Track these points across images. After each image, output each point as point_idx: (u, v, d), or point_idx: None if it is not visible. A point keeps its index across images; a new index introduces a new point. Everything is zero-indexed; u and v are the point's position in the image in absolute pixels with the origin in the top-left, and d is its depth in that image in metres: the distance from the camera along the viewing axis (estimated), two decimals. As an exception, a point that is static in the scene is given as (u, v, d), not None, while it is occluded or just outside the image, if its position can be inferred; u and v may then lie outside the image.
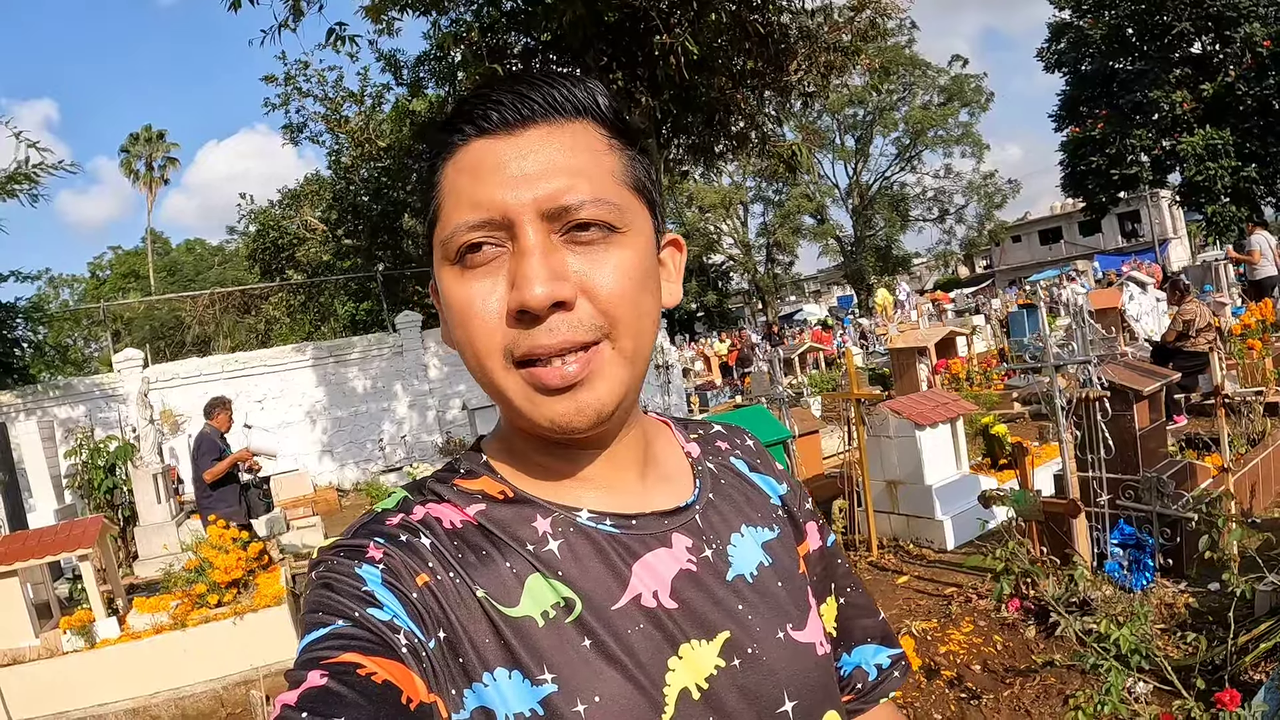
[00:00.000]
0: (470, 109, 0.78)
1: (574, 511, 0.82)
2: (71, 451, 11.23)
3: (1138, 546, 4.93)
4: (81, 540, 6.63)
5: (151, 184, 48.76)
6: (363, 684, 0.63)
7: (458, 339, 0.80)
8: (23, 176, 14.17)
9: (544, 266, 0.73)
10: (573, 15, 7.89)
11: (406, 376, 17.42)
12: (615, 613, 0.77)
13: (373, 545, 0.75)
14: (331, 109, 18.42)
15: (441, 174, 0.80)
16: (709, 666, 0.79)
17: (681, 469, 0.94)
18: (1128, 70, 27.03)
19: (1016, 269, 47.30)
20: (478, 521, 0.81)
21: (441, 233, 0.78)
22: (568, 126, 0.79)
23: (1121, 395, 5.23)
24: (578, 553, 0.80)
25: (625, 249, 0.78)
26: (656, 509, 0.86)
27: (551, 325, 0.74)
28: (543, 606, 0.76)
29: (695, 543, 0.85)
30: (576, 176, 0.76)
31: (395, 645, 0.68)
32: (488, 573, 0.77)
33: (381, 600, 0.71)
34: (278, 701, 0.63)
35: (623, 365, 0.78)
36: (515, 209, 0.74)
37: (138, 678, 6.24)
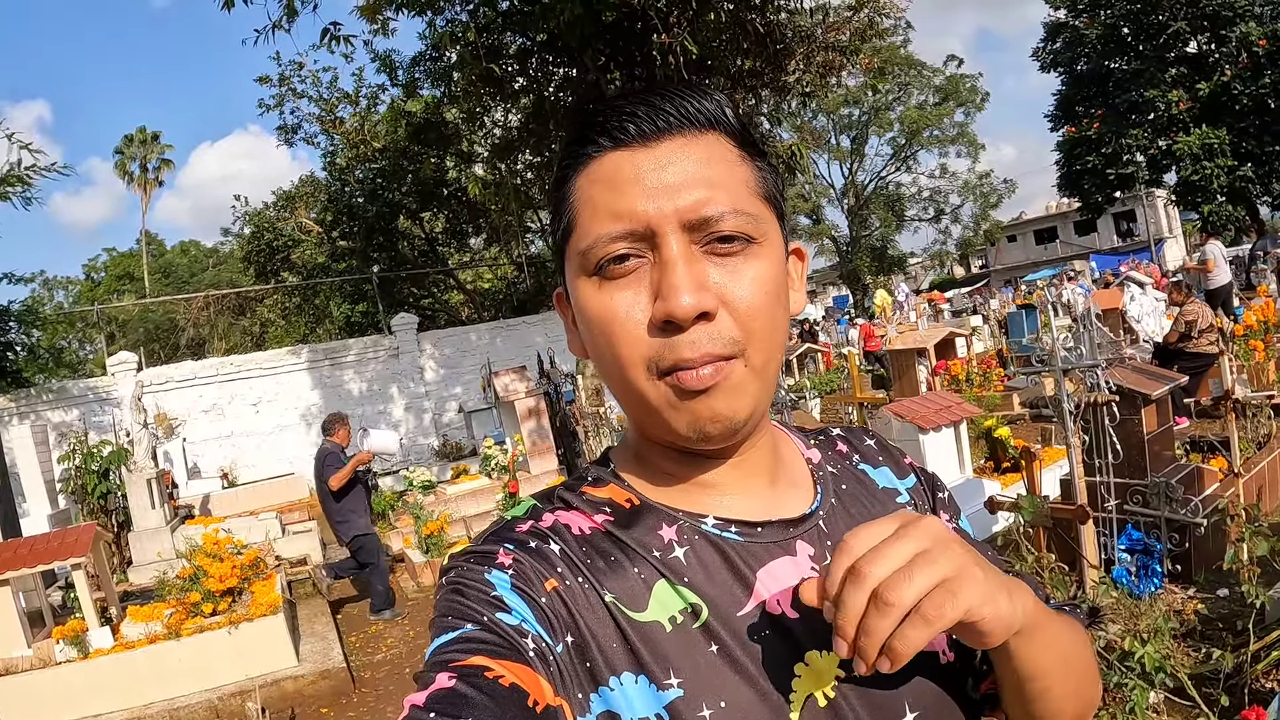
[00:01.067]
0: (603, 121, 0.79)
1: (700, 519, 0.83)
2: (65, 456, 11.14)
3: (1146, 552, 4.87)
4: (74, 549, 6.57)
5: (146, 186, 48.58)
6: (490, 686, 0.64)
7: (599, 349, 0.80)
8: (15, 179, 14.07)
9: (689, 276, 0.74)
10: (571, 15, 7.83)
11: (402, 379, 17.37)
12: (741, 619, 0.78)
13: (502, 551, 0.77)
14: (326, 110, 18.34)
15: (574, 185, 0.81)
16: (831, 676, 0.78)
17: (804, 476, 0.94)
18: (1123, 70, 27.02)
19: (1012, 269, 47.30)
20: (605, 528, 0.82)
21: (579, 244, 0.79)
22: (701, 138, 0.79)
23: (1129, 399, 5.16)
24: (704, 560, 0.81)
25: (762, 260, 0.79)
26: (781, 517, 0.85)
27: (694, 338, 0.74)
28: (670, 612, 0.77)
29: (818, 550, 0.85)
30: (715, 188, 0.77)
31: (523, 649, 0.69)
32: (616, 578, 0.78)
33: (510, 605, 0.72)
34: (407, 702, 0.65)
35: (753, 380, 0.79)
36: (658, 219, 0.75)
37: (131, 688, 6.17)
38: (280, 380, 16.70)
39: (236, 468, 15.75)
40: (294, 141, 19.24)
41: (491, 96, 10.82)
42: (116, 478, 10.62)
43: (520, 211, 14.55)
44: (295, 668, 6.45)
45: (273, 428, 16.53)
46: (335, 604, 8.37)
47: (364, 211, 19.70)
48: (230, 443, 16.16)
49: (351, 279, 21.61)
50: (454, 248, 24.14)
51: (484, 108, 11.47)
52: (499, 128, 12.35)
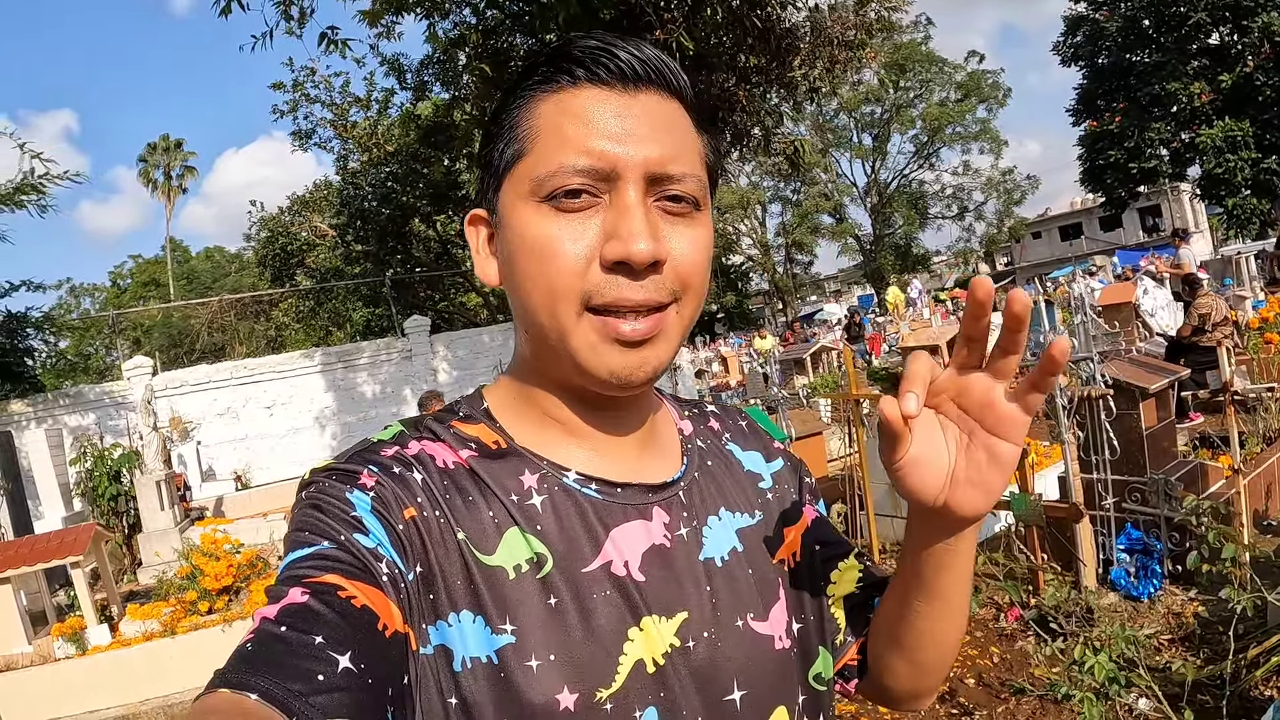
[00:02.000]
0: (584, 54, 0.79)
1: (563, 471, 0.84)
2: (76, 459, 11.24)
3: (1145, 552, 4.74)
4: (73, 548, 6.69)
5: (170, 193, 49.08)
6: (342, 605, 0.64)
7: (527, 275, 0.79)
8: (29, 187, 14.25)
9: (648, 224, 0.76)
10: (568, 14, 7.78)
11: (416, 381, 17.38)
12: (584, 575, 0.78)
13: (366, 473, 0.77)
14: (338, 114, 18.38)
15: (537, 109, 0.80)
16: (665, 644, 0.79)
17: (673, 444, 0.95)
18: (1145, 62, 26.68)
19: (1037, 265, 46.79)
20: (469, 466, 0.82)
21: (535, 169, 0.78)
22: (670, 101, 0.82)
23: (1127, 393, 5.02)
24: (559, 511, 0.81)
25: (703, 226, 0.82)
26: (644, 481, 0.86)
27: (642, 283, 0.76)
28: (516, 559, 0.77)
29: (673, 519, 0.86)
30: (680, 149, 0.80)
31: (377, 573, 0.69)
32: (471, 517, 0.78)
33: (369, 527, 0.72)
34: (257, 615, 0.64)
35: (680, 330, 0.81)
36: (625, 164, 0.76)
37: (128, 684, 6.27)
38: (294, 383, 16.76)
39: (250, 470, 15.83)
40: (308, 146, 19.31)
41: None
42: (128, 480, 10.71)
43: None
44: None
45: (286, 430, 16.59)
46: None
47: (377, 215, 19.76)
48: (244, 445, 16.23)
49: (366, 282, 21.68)
50: (468, 250, 24.16)
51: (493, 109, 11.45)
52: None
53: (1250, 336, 9.13)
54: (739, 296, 51.09)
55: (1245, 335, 9.48)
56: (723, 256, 47.97)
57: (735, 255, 49.30)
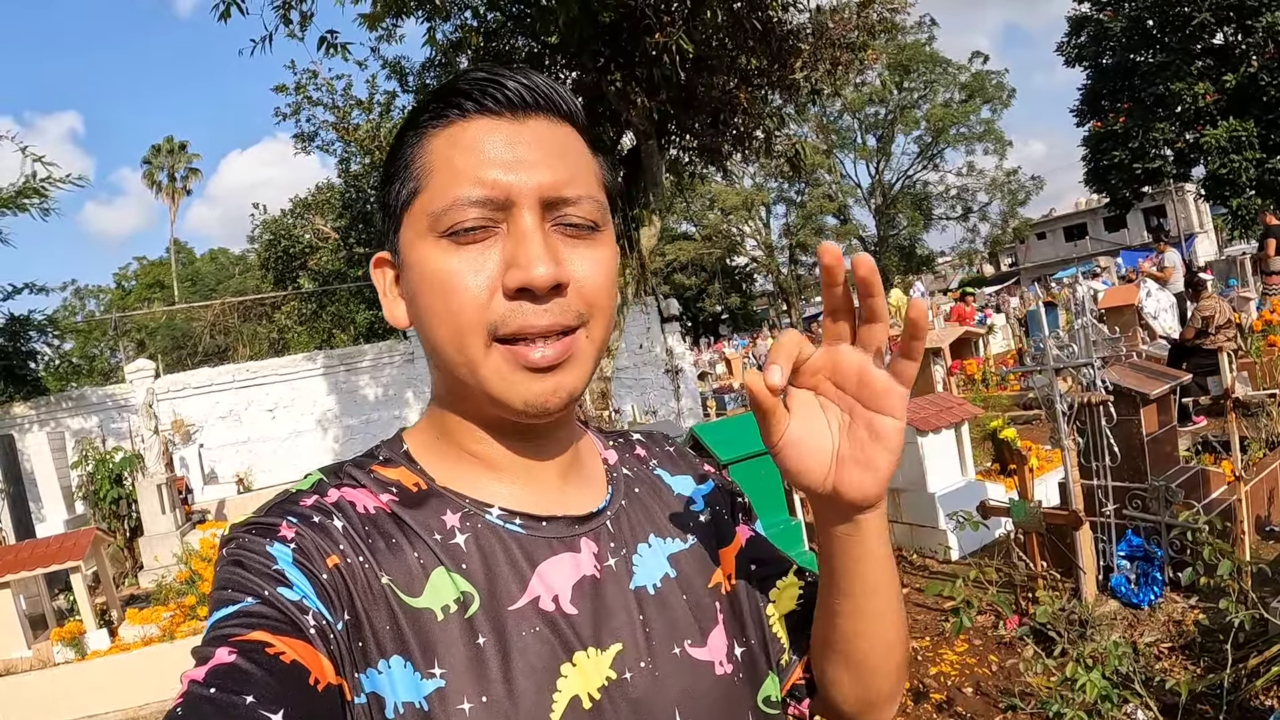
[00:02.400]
0: (470, 88, 0.79)
1: (485, 508, 0.83)
2: (77, 462, 11.26)
3: (1146, 559, 4.71)
4: (72, 552, 6.71)
5: (174, 195, 49.18)
6: (271, 663, 0.63)
7: (433, 312, 0.79)
8: (31, 190, 14.27)
9: (546, 249, 0.76)
10: (568, 16, 7.75)
11: (418, 384, 17.39)
12: (511, 614, 0.77)
13: (285, 524, 0.75)
14: (340, 117, 18.38)
15: (429, 145, 0.80)
16: (600, 677, 0.78)
17: (597, 474, 0.94)
18: (1149, 63, 26.62)
19: (1042, 266, 46.74)
20: (390, 509, 0.81)
21: (431, 205, 0.78)
22: (560, 125, 0.82)
23: (1128, 399, 4.99)
24: (484, 549, 0.80)
25: (604, 247, 0.82)
26: (569, 513, 0.86)
27: (546, 307, 0.76)
28: (444, 600, 0.76)
29: (601, 549, 0.85)
30: (574, 172, 0.80)
31: (304, 626, 0.68)
32: (395, 561, 0.77)
33: (292, 580, 0.71)
34: (185, 677, 0.63)
35: (592, 353, 0.81)
36: (519, 191, 0.77)
37: (127, 689, 6.24)
38: (296, 386, 16.76)
39: (252, 473, 15.83)
40: (310, 149, 19.32)
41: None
42: (129, 483, 10.72)
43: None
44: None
45: (288, 433, 16.59)
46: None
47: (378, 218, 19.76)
48: (246, 448, 16.24)
49: (368, 284, 21.63)
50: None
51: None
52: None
53: (1253, 339, 9.09)
54: (743, 298, 51.08)
55: (1248, 338, 9.44)
56: (726, 258, 47.99)
57: (739, 257, 49.30)
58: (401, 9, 9.18)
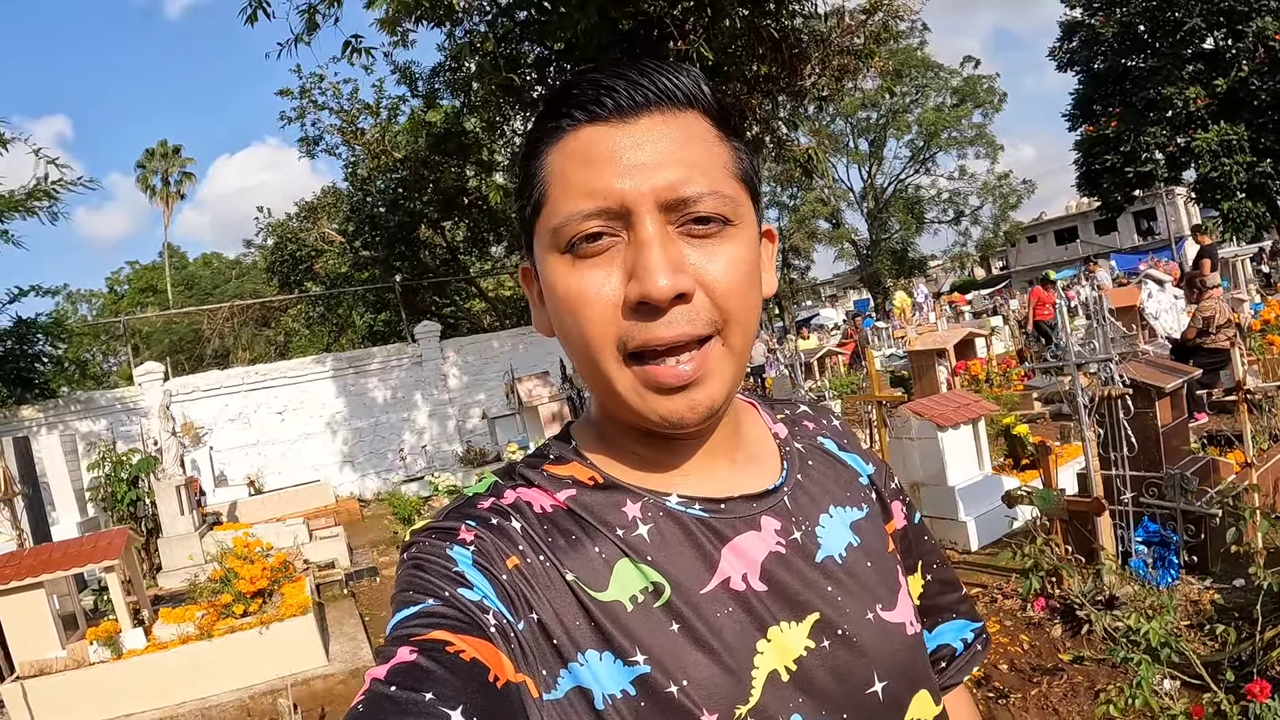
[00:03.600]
0: (579, 94, 0.77)
1: (663, 496, 0.83)
2: (94, 465, 11.31)
3: (1162, 544, 4.91)
4: (107, 552, 6.66)
5: (168, 199, 49.02)
6: (451, 661, 0.65)
7: (566, 328, 0.79)
8: (42, 193, 14.27)
9: (665, 257, 0.73)
10: (587, 24, 7.91)
11: (426, 386, 17.49)
12: (703, 597, 0.78)
13: (464, 528, 0.77)
14: (347, 121, 18.50)
15: (546, 160, 0.79)
16: (798, 648, 0.79)
17: (769, 451, 0.94)
18: (1140, 67, 26.79)
19: (1033, 269, 46.99)
20: (567, 506, 0.82)
21: (550, 221, 0.77)
22: (679, 116, 0.78)
23: (1143, 392, 5.21)
24: (666, 538, 0.80)
25: (738, 242, 0.78)
26: (746, 492, 0.86)
27: (671, 318, 0.74)
28: (631, 591, 0.77)
29: (784, 525, 0.85)
30: (693, 168, 0.76)
31: (484, 625, 0.69)
32: (576, 557, 0.78)
33: (472, 581, 0.73)
34: (368, 676, 0.65)
35: (731, 361, 0.79)
36: (634, 198, 0.74)
37: (164, 688, 6.27)
38: (305, 389, 16.85)
39: (262, 475, 15.90)
40: (315, 153, 19.42)
41: (510, 106, 10.93)
42: (145, 485, 10.79)
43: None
44: (325, 667, 6.54)
45: (298, 435, 16.67)
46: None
47: (386, 221, 19.88)
48: (256, 451, 16.32)
49: (374, 288, 21.81)
50: (475, 256, 24.31)
51: (503, 117, 11.58)
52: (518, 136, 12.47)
53: (1254, 339, 9.33)
54: (736, 301, 51.08)
55: (1248, 337, 9.68)
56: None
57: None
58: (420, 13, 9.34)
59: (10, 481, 8.88)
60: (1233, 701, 3.14)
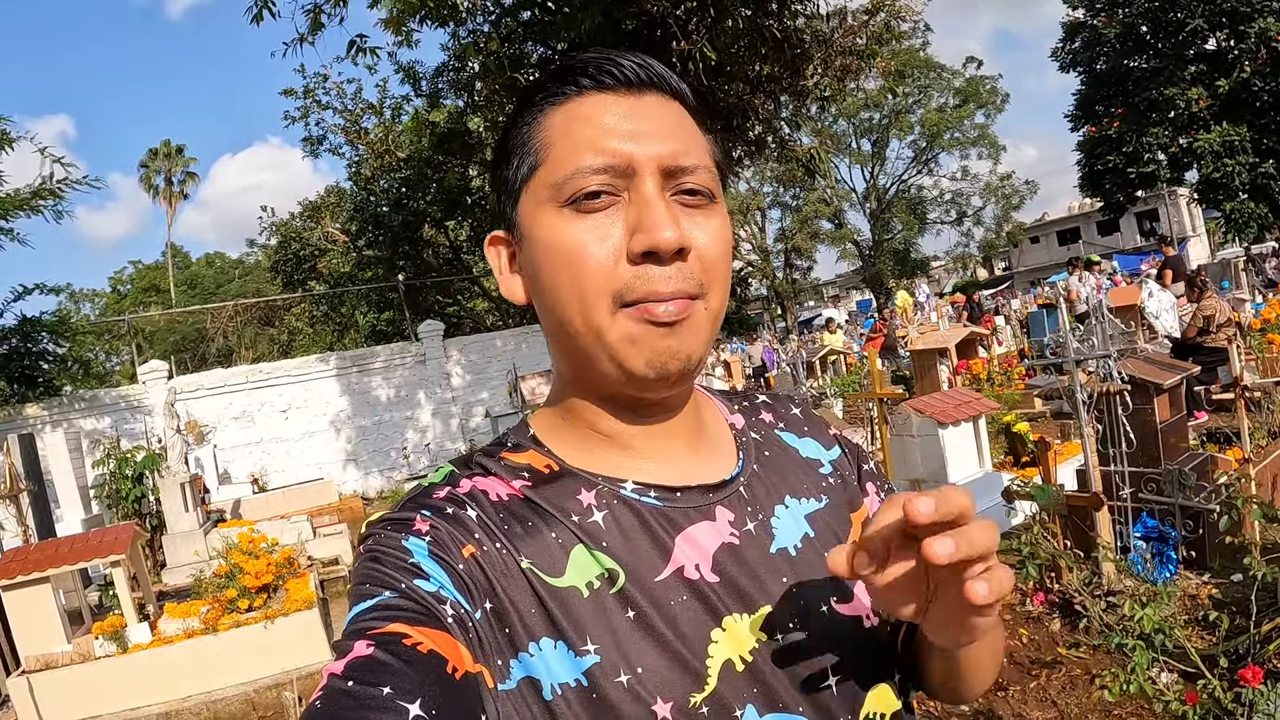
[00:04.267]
0: (588, 64, 0.81)
1: (619, 484, 0.83)
2: (99, 461, 11.35)
3: (1160, 539, 4.95)
4: (114, 547, 6.68)
5: (171, 198, 49.17)
6: (408, 653, 0.64)
7: (557, 281, 0.80)
8: (47, 192, 14.31)
9: (670, 213, 0.77)
10: (592, 24, 7.95)
11: (429, 385, 17.54)
12: (658, 584, 0.78)
13: (419, 518, 0.77)
14: (351, 121, 18.55)
15: (548, 122, 0.82)
16: (751, 640, 0.80)
17: (726, 441, 0.94)
18: (1142, 68, 26.86)
19: (1035, 270, 47.01)
20: (523, 494, 0.82)
21: (553, 175, 0.79)
22: (673, 103, 0.84)
23: (1142, 389, 5.25)
24: (622, 525, 0.81)
25: (720, 218, 0.83)
26: (702, 481, 0.86)
27: (669, 273, 0.76)
28: (587, 578, 0.78)
29: (738, 515, 0.85)
30: (689, 144, 0.81)
31: (441, 616, 0.69)
32: (533, 544, 0.78)
33: (428, 572, 0.73)
34: (325, 671, 0.65)
35: (709, 323, 0.81)
36: (640, 159, 0.78)
37: (169, 682, 6.29)
38: (309, 387, 16.90)
39: (266, 473, 15.95)
40: (319, 153, 19.46)
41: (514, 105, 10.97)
42: (150, 482, 10.82)
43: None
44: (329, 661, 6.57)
45: (301, 434, 16.72)
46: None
47: (389, 221, 19.93)
48: (260, 449, 16.37)
49: (378, 287, 21.85)
50: (479, 256, 24.35)
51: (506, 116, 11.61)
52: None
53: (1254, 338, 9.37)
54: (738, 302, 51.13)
55: (1248, 336, 9.71)
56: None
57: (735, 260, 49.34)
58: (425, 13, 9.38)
59: (16, 478, 8.91)
60: (1226, 688, 3.18)
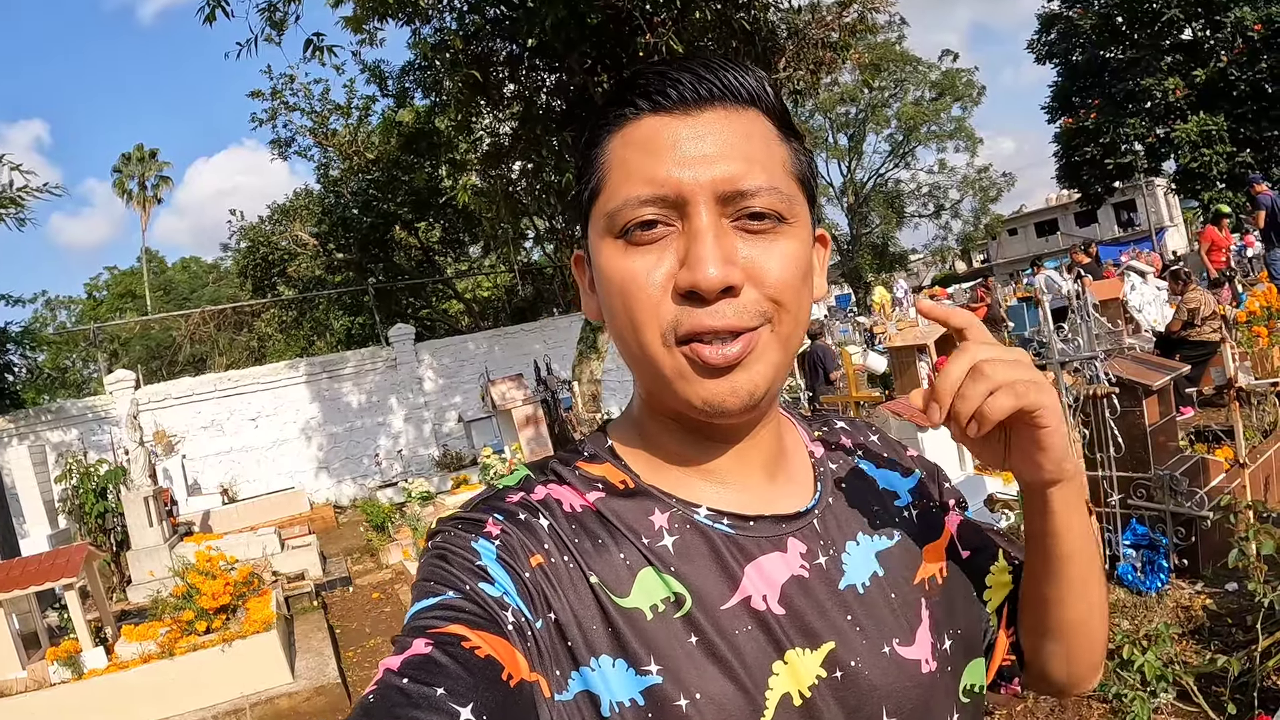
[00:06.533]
0: (645, 84, 0.78)
1: (693, 508, 0.83)
2: (62, 476, 11.12)
3: (1151, 547, 4.77)
4: (65, 570, 6.58)
5: (145, 203, 48.66)
6: (465, 656, 0.64)
7: (614, 312, 0.80)
8: (8, 200, 14.10)
9: (718, 248, 0.74)
10: (555, 18, 7.77)
11: (401, 390, 17.34)
12: (724, 613, 0.77)
13: (491, 521, 0.77)
14: (318, 122, 18.30)
15: (607, 146, 0.80)
16: (811, 676, 0.78)
17: (804, 470, 0.93)
18: (1119, 59, 26.96)
19: (1014, 262, 47.23)
20: (597, 508, 0.81)
21: (607, 205, 0.78)
22: (742, 113, 0.79)
23: (1130, 390, 5.06)
24: (691, 550, 0.80)
25: (792, 240, 0.78)
26: (776, 511, 0.85)
27: (718, 309, 0.74)
28: (653, 600, 0.77)
29: (810, 548, 0.84)
30: (752, 163, 0.76)
31: (502, 621, 0.69)
32: (602, 560, 0.78)
33: (494, 576, 0.72)
34: (381, 665, 0.65)
35: (779, 349, 0.78)
36: (691, 188, 0.74)
37: (126, 708, 6.14)
38: (279, 394, 16.67)
39: (237, 483, 15.71)
40: (288, 155, 19.25)
41: (481, 104, 10.77)
42: (114, 497, 10.58)
43: (514, 219, 14.49)
44: (290, 684, 6.39)
45: (272, 442, 16.49)
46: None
47: (359, 223, 19.69)
48: (230, 458, 16.12)
49: (348, 291, 21.59)
50: (451, 257, 24.13)
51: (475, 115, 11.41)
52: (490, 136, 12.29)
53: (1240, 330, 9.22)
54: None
55: (1233, 329, 9.57)
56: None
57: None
58: (384, 11, 9.17)
59: (-29, 496, 8.64)
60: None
